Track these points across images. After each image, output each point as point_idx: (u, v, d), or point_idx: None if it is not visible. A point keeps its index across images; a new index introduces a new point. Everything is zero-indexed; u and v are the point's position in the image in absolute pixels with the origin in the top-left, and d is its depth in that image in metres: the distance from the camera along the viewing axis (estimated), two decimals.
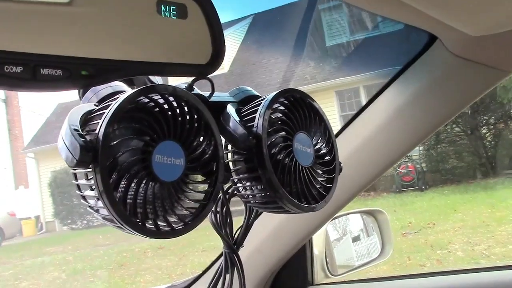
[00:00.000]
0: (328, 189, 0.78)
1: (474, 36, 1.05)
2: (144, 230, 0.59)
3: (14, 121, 23.07)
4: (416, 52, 1.25)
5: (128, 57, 0.56)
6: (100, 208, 0.59)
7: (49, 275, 9.11)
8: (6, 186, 21.25)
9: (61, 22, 0.50)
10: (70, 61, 0.51)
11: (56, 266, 9.88)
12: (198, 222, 0.64)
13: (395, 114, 1.29)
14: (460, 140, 12.18)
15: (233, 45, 15.98)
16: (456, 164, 11.98)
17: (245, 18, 17.24)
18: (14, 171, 22.66)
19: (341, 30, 13.83)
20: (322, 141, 0.80)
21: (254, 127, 0.71)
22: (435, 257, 6.27)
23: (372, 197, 11.45)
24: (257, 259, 1.56)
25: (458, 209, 8.71)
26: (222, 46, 0.64)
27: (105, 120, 0.56)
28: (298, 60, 14.52)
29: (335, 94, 13.85)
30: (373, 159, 1.35)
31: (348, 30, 13.72)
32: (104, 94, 0.67)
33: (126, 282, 7.68)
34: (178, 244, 9.26)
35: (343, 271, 1.84)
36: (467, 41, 1.09)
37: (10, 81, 0.48)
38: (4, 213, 16.07)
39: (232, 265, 0.83)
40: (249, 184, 0.76)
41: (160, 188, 0.60)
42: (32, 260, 11.06)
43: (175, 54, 0.60)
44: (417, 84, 1.26)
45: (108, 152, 0.56)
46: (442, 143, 12.25)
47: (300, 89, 0.78)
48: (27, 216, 17.76)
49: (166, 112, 0.61)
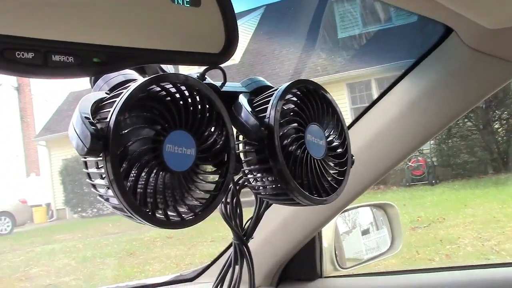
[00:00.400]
0: (339, 182, 0.78)
1: (491, 28, 1.03)
2: (153, 220, 0.58)
3: (26, 109, 23.23)
4: (431, 45, 1.23)
5: (140, 44, 0.55)
6: (110, 197, 0.59)
7: (59, 262, 9.20)
8: (17, 174, 21.45)
9: (73, 8, 0.50)
10: (82, 48, 0.51)
11: (66, 253, 9.98)
12: (208, 213, 0.64)
13: (408, 108, 1.27)
14: (472, 134, 12.08)
15: (245, 36, 15.93)
16: (468, 158, 11.89)
17: (257, 8, 17.16)
18: (26, 159, 22.85)
19: (353, 22, 13.73)
20: (334, 133, 0.79)
21: (266, 118, 0.70)
22: (444, 251, 6.24)
23: (382, 191, 11.40)
24: (266, 251, 1.56)
25: (468, 204, 8.65)
26: (235, 35, 0.63)
27: (116, 109, 0.56)
28: (309, 52, 14.45)
29: (347, 86, 13.78)
30: (384, 152, 1.34)
31: (360, 22, 13.62)
32: (116, 82, 0.66)
33: (135, 271, 7.73)
34: (187, 234, 9.30)
35: (352, 264, 1.84)
36: (484, 34, 1.07)
37: (21, 67, 0.47)
38: (15, 200, 16.23)
39: (241, 256, 0.83)
40: (260, 175, 0.75)
41: (170, 178, 0.59)
42: (42, 247, 11.18)
43: (188, 42, 0.59)
44: (431, 78, 1.24)
45: (119, 140, 0.55)
46: (454, 138, 12.16)
47: (313, 80, 0.77)
48: (38, 204, 17.93)
49: (177, 101, 0.61)
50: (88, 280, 7.61)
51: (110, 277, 7.61)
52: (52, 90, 24.74)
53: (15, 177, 20.60)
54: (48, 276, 8.26)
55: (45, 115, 20.03)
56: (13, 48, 0.46)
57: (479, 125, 11.91)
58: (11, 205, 15.69)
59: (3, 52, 0.46)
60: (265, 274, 1.61)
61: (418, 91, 1.25)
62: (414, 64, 1.26)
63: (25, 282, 8.05)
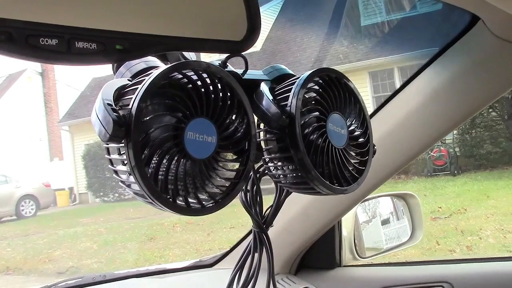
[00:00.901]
0: (361, 172, 0.77)
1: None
2: (174, 207, 0.59)
3: (50, 94, 23.55)
4: (456, 33, 1.20)
5: (162, 32, 0.55)
6: (131, 183, 0.59)
7: (82, 245, 9.37)
8: (41, 158, 21.82)
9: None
10: (104, 35, 0.51)
11: (88, 236, 10.15)
12: (228, 200, 0.64)
13: (431, 97, 1.25)
14: (496, 125, 11.88)
15: (267, 23, 15.84)
16: (491, 149, 11.71)
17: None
18: (50, 143, 23.22)
19: (377, 10, 13.54)
20: (356, 122, 0.78)
21: (287, 106, 0.70)
22: (465, 243, 6.18)
23: (403, 181, 11.31)
24: (285, 238, 1.56)
25: (491, 195, 8.53)
26: (257, 23, 0.62)
27: (138, 96, 0.56)
28: (332, 40, 14.32)
29: (369, 75, 13.65)
30: (406, 142, 1.32)
31: (384, 10, 13.43)
32: (138, 69, 0.67)
33: (155, 255, 7.83)
34: (207, 220, 9.37)
35: (371, 253, 1.83)
36: None
37: (45, 54, 0.48)
38: (39, 183, 16.52)
39: (261, 244, 0.83)
40: (280, 164, 0.75)
41: (191, 165, 0.59)
42: (65, 230, 11.39)
43: (210, 30, 0.59)
44: (456, 67, 1.22)
45: (141, 127, 0.56)
46: (477, 128, 11.97)
47: (335, 69, 0.76)
48: (61, 188, 18.23)
49: (199, 89, 0.60)
50: (109, 264, 7.74)
51: (130, 261, 7.73)
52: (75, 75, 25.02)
53: (39, 161, 20.96)
54: (70, 259, 8.43)
55: (68, 100, 20.29)
56: (37, 35, 0.47)
57: (504, 115, 11.70)
58: (35, 188, 15.99)
59: (27, 38, 0.46)
60: (284, 262, 1.62)
61: (442, 81, 1.23)
62: (438, 53, 1.23)
63: (48, 263, 8.22)
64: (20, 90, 22.49)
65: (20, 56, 0.46)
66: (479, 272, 1.56)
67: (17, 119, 21.50)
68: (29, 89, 22.89)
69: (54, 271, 7.68)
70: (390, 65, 13.11)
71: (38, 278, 7.40)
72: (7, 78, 23.31)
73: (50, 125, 23.15)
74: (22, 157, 20.31)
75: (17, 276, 7.69)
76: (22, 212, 15.31)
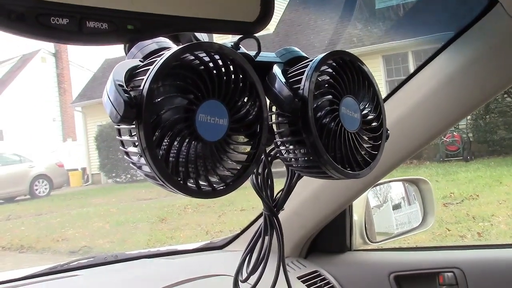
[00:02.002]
0: (373, 156, 0.76)
1: None
2: (185, 189, 0.59)
3: (63, 75, 23.67)
4: (473, 17, 1.18)
5: (174, 12, 0.54)
6: (142, 164, 0.59)
7: (94, 225, 9.49)
8: (55, 138, 22.02)
9: None
10: (116, 15, 0.50)
11: (100, 217, 10.27)
12: (239, 183, 0.63)
13: (445, 82, 1.23)
14: (511, 111, 11.74)
15: (280, 5, 15.71)
16: (505, 135, 11.60)
17: None
18: (63, 124, 23.40)
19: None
20: (370, 106, 0.77)
21: (300, 89, 0.69)
22: (476, 229, 6.16)
23: (415, 166, 11.27)
24: (296, 222, 1.57)
25: (503, 181, 8.48)
26: (271, 4, 0.61)
27: (149, 77, 0.55)
28: (345, 23, 14.16)
29: (382, 58, 13.52)
30: (419, 127, 1.31)
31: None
32: (149, 50, 0.66)
33: (166, 236, 7.91)
34: (218, 202, 9.42)
35: (382, 238, 1.83)
36: None
37: (56, 33, 0.47)
38: (52, 163, 16.70)
39: (271, 227, 0.83)
40: (292, 147, 0.74)
41: (202, 148, 0.59)
42: (78, 210, 11.53)
43: (223, 10, 0.58)
44: (472, 51, 1.20)
45: (152, 109, 0.55)
46: (492, 113, 11.85)
47: (349, 52, 0.75)
48: (74, 168, 18.41)
49: (211, 71, 0.60)
50: (121, 244, 7.84)
51: (142, 241, 7.82)
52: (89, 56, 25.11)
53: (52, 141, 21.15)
54: (83, 238, 8.55)
55: (81, 81, 20.39)
56: (48, 14, 0.46)
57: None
58: (48, 168, 16.18)
59: (38, 17, 0.46)
60: (294, 245, 1.62)
61: (457, 65, 1.21)
62: (454, 38, 1.21)
63: (61, 242, 8.35)
64: (33, 70, 22.64)
65: (31, 36, 0.46)
66: (490, 258, 1.55)
67: (31, 99, 21.67)
68: (42, 69, 23.02)
69: (67, 250, 7.80)
70: (405, 48, 12.96)
71: (52, 256, 7.52)
72: (20, 59, 23.45)
73: (63, 105, 23.32)
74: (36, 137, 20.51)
75: (31, 254, 7.82)
76: (36, 191, 15.51)
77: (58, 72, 23.61)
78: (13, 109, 20.85)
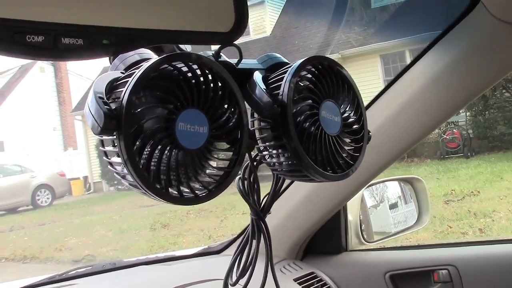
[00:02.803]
0: (355, 158, 0.77)
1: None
2: (167, 196, 0.60)
3: (62, 84, 23.73)
4: (456, 16, 1.19)
5: (149, 25, 0.56)
6: (126, 174, 0.60)
7: (97, 233, 9.50)
8: (56, 147, 22.04)
9: None
10: (91, 30, 0.52)
11: (103, 225, 10.28)
12: (222, 189, 0.65)
13: (432, 81, 1.25)
14: (510, 105, 11.75)
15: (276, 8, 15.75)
16: (505, 130, 11.59)
17: None
18: (63, 133, 23.44)
19: None
20: (350, 109, 0.78)
21: (279, 95, 0.70)
22: (478, 225, 6.16)
23: (416, 163, 11.27)
24: (291, 225, 1.58)
25: (504, 177, 8.47)
26: (245, 12, 0.63)
27: (128, 88, 0.57)
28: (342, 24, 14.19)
29: (380, 58, 13.55)
30: (408, 126, 1.32)
31: None
32: (131, 62, 0.67)
33: (169, 242, 7.92)
34: (220, 206, 9.44)
35: (379, 237, 1.84)
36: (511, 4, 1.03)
37: (32, 50, 0.48)
38: (54, 173, 16.72)
39: (259, 231, 0.84)
40: (275, 152, 0.75)
41: (183, 156, 0.60)
42: (81, 218, 11.54)
43: (197, 22, 0.60)
44: (457, 50, 1.21)
45: (132, 119, 0.57)
46: (491, 109, 11.85)
47: (328, 56, 0.76)
48: (76, 177, 18.44)
49: (189, 80, 0.61)
50: (124, 251, 7.84)
51: (145, 248, 7.82)
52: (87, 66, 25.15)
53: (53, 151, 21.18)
54: (86, 247, 8.56)
55: (80, 90, 20.43)
56: (23, 32, 0.48)
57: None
58: (50, 178, 16.20)
59: (14, 36, 0.47)
60: (290, 248, 1.63)
61: (443, 64, 1.22)
62: (440, 37, 1.23)
63: (64, 252, 8.36)
64: (33, 80, 22.69)
65: (7, 54, 0.47)
66: (484, 255, 1.56)
67: (30, 109, 21.71)
68: (41, 79, 23.07)
69: (70, 259, 7.81)
70: (402, 47, 12.99)
71: (55, 266, 7.53)
72: (19, 69, 23.51)
73: (63, 115, 23.35)
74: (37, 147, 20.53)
75: (34, 264, 7.84)
76: (38, 201, 15.53)
77: (57, 82, 23.66)
78: (13, 120, 20.88)
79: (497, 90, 11.16)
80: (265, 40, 14.37)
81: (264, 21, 15.48)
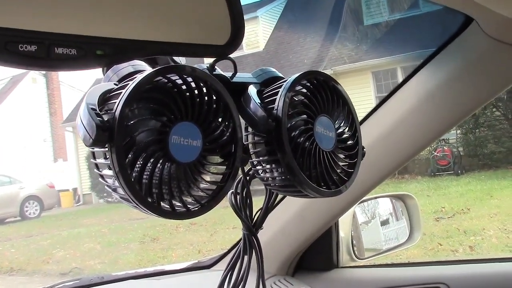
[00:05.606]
0: (349, 174, 0.77)
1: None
2: (159, 210, 0.59)
3: (54, 95, 23.63)
4: (450, 34, 1.20)
5: (144, 37, 0.55)
6: (117, 187, 0.59)
7: (85, 246, 9.40)
8: (45, 159, 21.88)
9: (76, 1, 0.50)
10: (85, 40, 0.51)
11: (91, 237, 10.18)
12: (214, 204, 0.64)
13: (426, 98, 1.25)
14: (500, 124, 11.85)
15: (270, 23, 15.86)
16: (495, 149, 11.68)
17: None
18: (54, 144, 23.29)
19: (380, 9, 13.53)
20: (345, 125, 0.78)
21: (274, 109, 0.70)
22: (468, 243, 6.16)
23: (406, 180, 11.30)
24: (282, 240, 1.56)
25: (494, 195, 8.52)
26: (241, 26, 0.62)
27: (121, 100, 0.56)
28: (335, 40, 14.31)
29: (372, 75, 13.65)
30: (402, 144, 1.32)
31: (387, 8, 13.42)
32: (124, 73, 0.66)
33: (158, 256, 7.85)
34: (210, 221, 9.39)
35: (370, 254, 1.83)
36: (505, 23, 1.04)
37: (25, 60, 0.48)
38: (43, 184, 16.57)
39: (250, 247, 0.83)
40: (269, 167, 0.75)
41: (176, 169, 0.59)
42: (69, 231, 11.42)
43: (192, 34, 0.59)
44: (451, 68, 1.22)
45: (124, 132, 0.56)
46: (481, 127, 11.95)
47: (323, 72, 0.76)
48: (65, 188, 18.28)
49: (183, 93, 0.60)
50: (112, 264, 7.76)
51: (133, 261, 7.75)
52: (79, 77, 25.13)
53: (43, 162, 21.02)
54: (74, 259, 8.46)
55: (72, 101, 20.35)
56: (16, 41, 0.47)
57: (507, 114, 11.67)
58: (39, 189, 16.04)
59: (6, 45, 0.46)
60: (281, 264, 1.62)
61: (437, 82, 1.23)
62: (433, 54, 1.23)
63: (51, 264, 8.26)
64: (24, 91, 22.57)
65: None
66: (477, 273, 1.56)
67: (21, 120, 21.57)
68: (33, 90, 22.97)
69: (58, 271, 7.71)
70: (394, 64, 13.10)
71: (42, 279, 7.43)
72: (11, 80, 23.40)
73: (54, 126, 23.22)
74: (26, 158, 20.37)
75: (20, 276, 7.73)
76: (26, 213, 15.36)
77: (49, 93, 23.56)
78: (3, 130, 20.73)
79: (487, 108, 11.26)
80: (258, 55, 14.44)
81: (258, 35, 15.57)
